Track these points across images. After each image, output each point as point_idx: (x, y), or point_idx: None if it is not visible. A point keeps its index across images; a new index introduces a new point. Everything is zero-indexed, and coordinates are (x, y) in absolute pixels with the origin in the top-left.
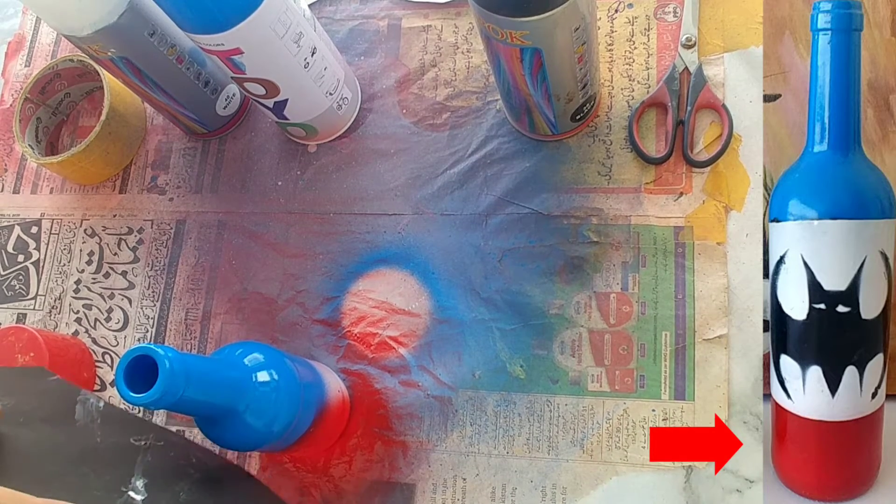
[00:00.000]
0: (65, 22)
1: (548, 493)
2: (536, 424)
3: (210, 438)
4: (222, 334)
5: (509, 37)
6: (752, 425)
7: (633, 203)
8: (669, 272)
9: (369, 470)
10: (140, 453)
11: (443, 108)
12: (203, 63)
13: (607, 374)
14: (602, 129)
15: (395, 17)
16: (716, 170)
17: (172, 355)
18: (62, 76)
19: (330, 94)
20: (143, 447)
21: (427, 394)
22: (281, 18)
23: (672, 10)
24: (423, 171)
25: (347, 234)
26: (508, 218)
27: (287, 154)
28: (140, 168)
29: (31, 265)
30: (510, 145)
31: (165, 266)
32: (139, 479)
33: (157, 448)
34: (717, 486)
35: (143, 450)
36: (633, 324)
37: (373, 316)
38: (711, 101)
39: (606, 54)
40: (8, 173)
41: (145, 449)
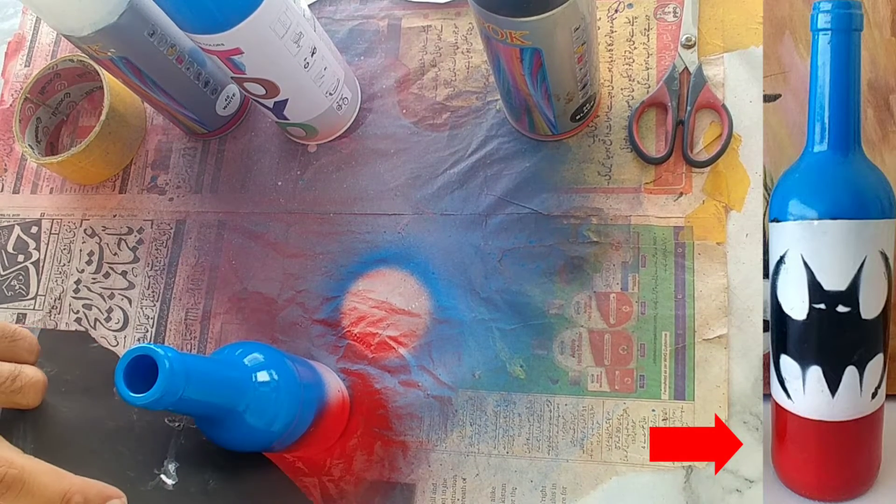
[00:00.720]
0: (65, 22)
1: (548, 493)
2: (536, 424)
3: (210, 438)
4: (222, 334)
5: (509, 37)
6: (752, 425)
7: (632, 203)
8: (669, 272)
9: (369, 470)
10: (174, 436)
11: (443, 108)
12: (203, 63)
13: (607, 374)
14: (602, 129)
15: (395, 17)
16: (716, 170)
17: (172, 355)
18: (62, 76)
19: (330, 94)
20: (176, 429)
21: (427, 394)
22: (281, 18)
23: (672, 10)
24: (423, 171)
25: (347, 234)
26: (508, 218)
27: (287, 154)
28: (140, 168)
29: (31, 265)
30: (510, 145)
31: (165, 266)
32: (171, 463)
33: (190, 431)
34: (717, 486)
35: (176, 432)
36: (633, 324)
37: (373, 316)
38: (711, 101)
39: (606, 54)
40: (8, 173)
41: (179, 431)
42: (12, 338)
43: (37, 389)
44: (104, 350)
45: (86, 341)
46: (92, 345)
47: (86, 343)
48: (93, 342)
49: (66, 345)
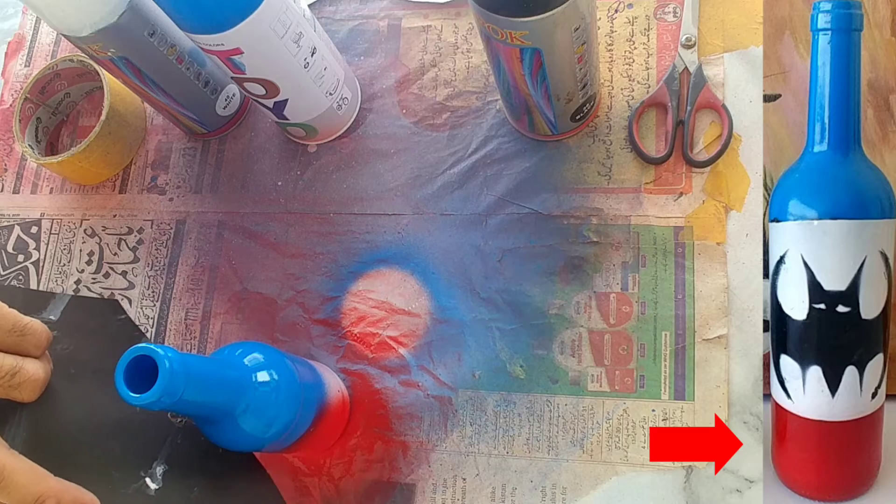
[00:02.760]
0: (65, 22)
1: (548, 493)
2: (536, 424)
3: (210, 438)
4: (222, 334)
5: (509, 37)
6: (752, 425)
7: (633, 203)
8: (669, 272)
9: (369, 470)
10: (171, 433)
11: (443, 108)
12: (203, 63)
13: (607, 374)
14: (602, 129)
15: (395, 17)
16: (716, 170)
17: (172, 355)
18: (62, 76)
19: (330, 94)
20: (177, 425)
21: (427, 394)
22: (281, 18)
23: (672, 10)
24: (423, 171)
25: (347, 234)
26: (508, 218)
27: (287, 154)
28: (140, 168)
29: (31, 265)
30: (510, 145)
31: (165, 266)
32: (160, 465)
33: (189, 430)
34: (717, 486)
35: (175, 429)
36: (633, 324)
37: (373, 316)
38: (711, 101)
39: (606, 54)
40: (8, 173)
41: (179, 429)
42: (22, 332)
43: (35, 387)
44: (129, 325)
45: (115, 312)
46: (120, 317)
47: (114, 314)
48: (121, 314)
49: (93, 315)
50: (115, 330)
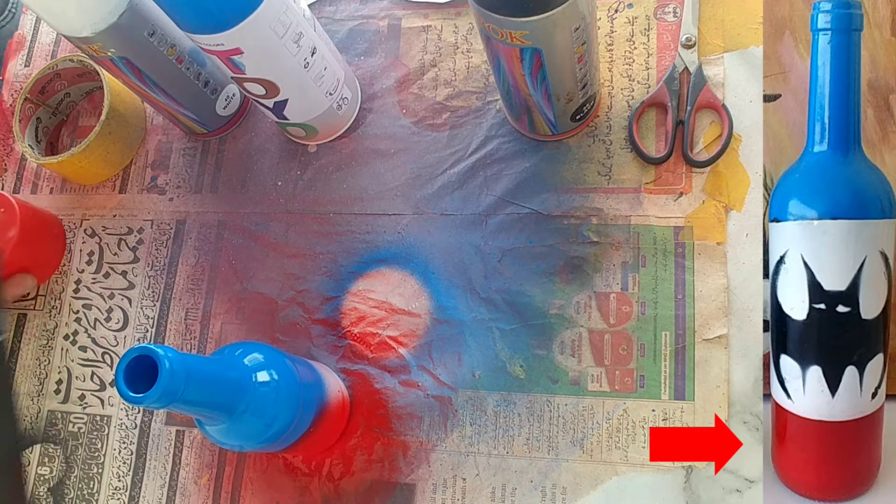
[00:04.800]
0: (65, 22)
1: (548, 493)
2: (536, 424)
3: (210, 438)
4: (222, 334)
5: (509, 37)
6: (752, 425)
7: (633, 203)
8: (669, 272)
9: (369, 470)
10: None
11: (443, 108)
12: (203, 63)
13: (607, 374)
14: (602, 129)
15: (395, 17)
16: (716, 170)
17: (172, 355)
18: (62, 76)
19: (330, 94)
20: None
21: (427, 394)
22: (281, 18)
23: (672, 10)
24: (423, 171)
25: (347, 234)
26: (508, 218)
27: (287, 154)
28: (140, 168)
29: None
30: (510, 145)
31: (165, 266)
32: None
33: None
34: (717, 486)
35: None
36: (633, 324)
37: (373, 316)
38: (711, 101)
39: (606, 54)
40: (8, 173)
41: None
42: None
43: None
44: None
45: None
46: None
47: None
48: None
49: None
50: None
